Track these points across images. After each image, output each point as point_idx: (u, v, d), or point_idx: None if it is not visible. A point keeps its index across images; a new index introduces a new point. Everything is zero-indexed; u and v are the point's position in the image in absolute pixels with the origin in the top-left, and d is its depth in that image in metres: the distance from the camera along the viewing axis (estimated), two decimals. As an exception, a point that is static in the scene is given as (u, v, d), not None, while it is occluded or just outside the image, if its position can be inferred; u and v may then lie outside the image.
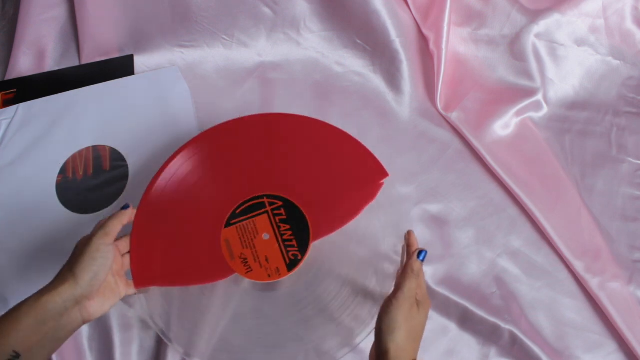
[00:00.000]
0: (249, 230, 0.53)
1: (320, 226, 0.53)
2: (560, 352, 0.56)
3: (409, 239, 0.50)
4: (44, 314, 0.39)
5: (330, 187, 0.55)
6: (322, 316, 0.52)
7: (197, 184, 0.56)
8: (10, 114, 0.70)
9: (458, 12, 0.75)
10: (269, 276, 0.51)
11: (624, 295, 0.58)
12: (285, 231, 0.53)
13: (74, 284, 0.41)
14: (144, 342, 0.57)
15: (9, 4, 0.82)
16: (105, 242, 0.44)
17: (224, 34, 0.75)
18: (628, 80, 0.74)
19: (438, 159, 0.69)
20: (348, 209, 0.54)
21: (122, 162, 0.67)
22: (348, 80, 0.76)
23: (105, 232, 0.45)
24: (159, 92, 0.72)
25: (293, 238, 0.53)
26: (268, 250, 0.52)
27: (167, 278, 0.51)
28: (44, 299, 0.40)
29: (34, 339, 0.38)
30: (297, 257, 0.52)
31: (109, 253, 0.44)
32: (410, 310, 0.43)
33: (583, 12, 0.71)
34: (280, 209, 0.54)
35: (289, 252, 0.52)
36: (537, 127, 0.71)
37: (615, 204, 0.65)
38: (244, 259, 0.52)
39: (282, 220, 0.54)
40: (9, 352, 0.37)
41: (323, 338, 0.52)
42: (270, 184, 0.56)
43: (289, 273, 0.51)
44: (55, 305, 0.40)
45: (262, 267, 0.52)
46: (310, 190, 0.55)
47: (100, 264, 0.43)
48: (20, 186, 0.65)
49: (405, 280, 0.44)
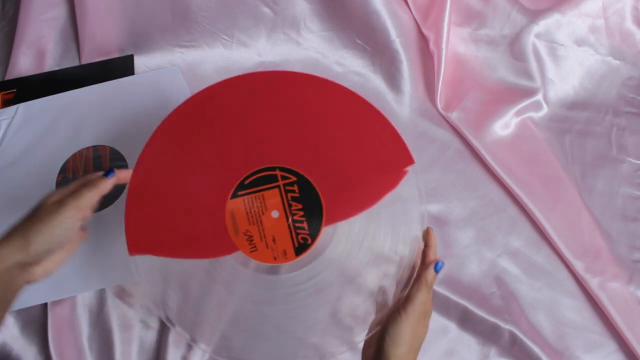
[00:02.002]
0: (258, 205, 0.48)
1: (334, 210, 0.48)
2: (560, 352, 0.56)
3: (428, 239, 0.46)
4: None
5: (350, 166, 0.49)
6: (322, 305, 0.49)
7: (203, 144, 0.50)
8: (10, 114, 0.70)
9: (458, 12, 0.75)
10: (275, 259, 0.47)
11: (624, 295, 0.58)
12: (297, 211, 0.48)
13: (24, 251, 0.38)
14: (144, 342, 0.57)
15: (9, 4, 0.82)
16: (74, 216, 0.39)
17: (224, 34, 0.75)
18: (628, 80, 0.74)
19: (438, 159, 0.69)
20: (367, 195, 0.48)
21: (122, 162, 0.67)
22: (348, 80, 0.76)
23: (78, 205, 0.39)
24: (159, 92, 0.72)
25: (304, 219, 0.48)
26: (276, 229, 0.47)
27: (164, 248, 0.46)
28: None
29: None
30: (307, 242, 0.47)
31: (72, 229, 0.39)
32: (418, 324, 0.41)
33: (583, 12, 0.71)
34: (293, 184, 0.49)
35: (298, 234, 0.47)
36: (537, 127, 0.71)
37: (615, 204, 0.65)
38: (250, 236, 0.47)
39: (294, 199, 0.48)
40: None
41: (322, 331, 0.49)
42: (284, 155, 0.49)
43: (296, 257, 0.47)
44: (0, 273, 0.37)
45: (269, 247, 0.47)
46: (327, 168, 0.49)
47: (58, 239, 0.39)
48: (20, 186, 0.65)
49: (418, 292, 0.41)
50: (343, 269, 0.49)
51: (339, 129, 0.51)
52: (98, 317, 0.58)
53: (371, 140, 0.50)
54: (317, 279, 0.48)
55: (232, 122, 0.51)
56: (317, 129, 0.51)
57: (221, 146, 0.50)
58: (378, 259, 0.49)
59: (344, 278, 0.49)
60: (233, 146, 0.50)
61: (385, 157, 0.50)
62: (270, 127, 0.51)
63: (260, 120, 0.51)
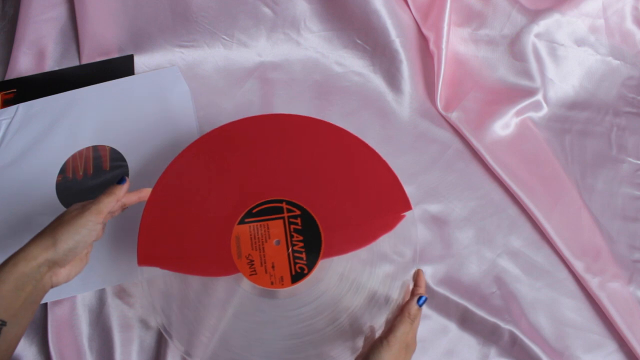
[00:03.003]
0: (262, 232, 0.52)
1: (332, 245, 0.52)
2: (560, 352, 0.56)
3: (417, 279, 0.48)
4: (22, 279, 0.40)
5: (350, 207, 0.54)
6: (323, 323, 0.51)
7: (219, 173, 0.55)
8: (10, 114, 0.70)
9: (458, 12, 0.75)
10: (272, 284, 0.51)
11: (624, 295, 0.58)
12: (297, 242, 0.52)
13: (52, 250, 0.41)
14: (144, 342, 0.57)
15: (9, 4, 0.82)
16: (96, 219, 0.44)
17: (224, 34, 0.75)
18: (628, 80, 0.74)
19: (438, 159, 0.69)
20: (364, 234, 0.52)
21: (122, 162, 0.67)
22: (348, 80, 0.76)
23: (98, 209, 0.44)
24: (159, 92, 0.72)
25: (303, 251, 0.52)
26: (276, 257, 0.51)
27: (170, 262, 0.50)
28: (21, 265, 0.40)
29: (15, 305, 0.39)
30: (304, 271, 0.51)
31: (94, 231, 0.44)
32: (399, 353, 0.42)
33: (583, 12, 0.71)
34: (297, 218, 0.53)
35: (296, 264, 0.51)
36: (537, 127, 0.71)
37: (615, 204, 0.65)
38: (251, 260, 0.51)
39: (296, 230, 0.53)
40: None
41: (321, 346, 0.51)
42: (292, 190, 0.54)
43: (292, 285, 0.50)
44: (32, 270, 0.40)
45: (267, 272, 0.51)
46: (330, 206, 0.53)
47: (83, 239, 0.43)
48: (20, 186, 0.65)
49: (400, 323, 0.43)
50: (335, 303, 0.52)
51: (344, 171, 0.55)
52: (98, 317, 0.58)
53: (373, 185, 0.55)
54: (308, 307, 0.51)
55: (246, 156, 0.56)
56: (324, 169, 0.55)
57: (235, 176, 0.55)
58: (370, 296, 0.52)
59: (334, 313, 0.51)
60: (246, 177, 0.55)
61: (385, 201, 0.54)
62: (281, 163, 0.55)
63: (273, 157, 0.56)
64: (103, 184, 0.65)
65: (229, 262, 0.51)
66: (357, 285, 0.52)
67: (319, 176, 0.55)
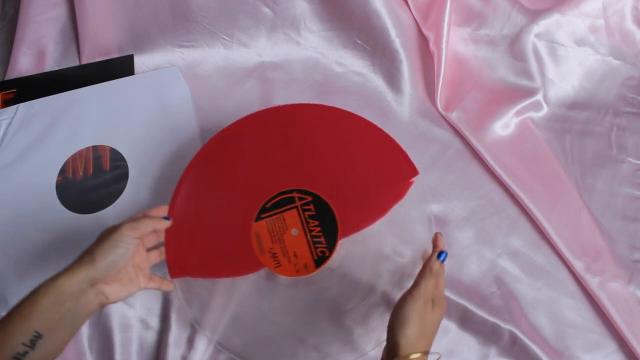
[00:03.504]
0: (279, 225, 0.54)
1: (348, 223, 0.53)
2: (560, 352, 0.56)
3: (435, 240, 0.50)
4: (61, 295, 0.40)
5: (359, 183, 0.55)
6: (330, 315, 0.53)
7: (227, 177, 0.56)
8: (10, 114, 0.70)
9: (458, 12, 0.75)
10: (298, 272, 0.52)
11: (624, 295, 0.58)
12: (314, 227, 0.54)
13: (91, 266, 0.42)
14: (144, 342, 0.57)
15: (9, 4, 0.82)
16: (131, 234, 0.45)
17: (224, 34, 0.75)
18: (628, 80, 0.74)
19: (438, 159, 0.69)
20: (376, 207, 0.54)
21: (122, 162, 0.67)
22: (348, 80, 0.76)
23: (134, 226, 0.45)
24: (159, 92, 0.72)
25: (322, 234, 0.53)
26: (297, 246, 0.53)
27: (200, 270, 0.52)
28: (60, 281, 0.41)
29: (53, 319, 0.40)
30: (325, 254, 0.52)
31: (131, 245, 0.45)
32: (425, 308, 0.43)
33: (583, 12, 0.71)
34: (309, 204, 0.54)
35: (317, 248, 0.53)
36: (537, 127, 0.71)
37: (615, 204, 0.65)
38: (274, 253, 0.53)
39: (311, 217, 0.54)
40: (31, 332, 0.38)
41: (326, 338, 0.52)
42: (300, 178, 0.55)
43: (317, 269, 0.52)
44: (71, 286, 0.41)
45: (291, 262, 0.52)
46: (339, 186, 0.55)
47: (120, 253, 0.44)
48: (20, 186, 0.65)
49: (422, 278, 0.45)
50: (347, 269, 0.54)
51: (347, 150, 0.56)
52: (98, 317, 0.58)
53: (377, 158, 0.56)
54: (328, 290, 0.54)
55: (250, 155, 0.57)
56: (328, 151, 0.56)
57: (243, 176, 0.56)
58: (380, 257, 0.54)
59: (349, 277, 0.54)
60: (254, 175, 0.56)
61: (391, 170, 0.55)
62: (285, 154, 0.57)
63: (275, 150, 0.57)
64: (103, 184, 0.65)
65: (254, 259, 0.52)
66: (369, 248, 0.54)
67: (324, 159, 0.56)
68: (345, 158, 0.56)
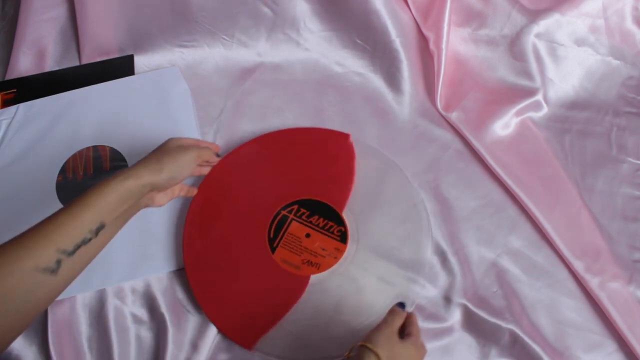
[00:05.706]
0: (291, 240, 0.59)
1: (336, 197, 0.61)
2: (560, 352, 0.56)
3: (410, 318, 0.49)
4: (127, 194, 0.45)
5: (319, 173, 0.63)
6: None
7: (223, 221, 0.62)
8: (10, 114, 0.70)
9: (458, 12, 0.75)
10: (335, 258, 0.57)
11: (624, 295, 0.58)
12: (317, 220, 0.59)
13: (157, 175, 0.48)
14: (143, 343, 0.57)
15: (9, 4, 0.82)
16: (193, 159, 0.52)
17: (224, 34, 0.75)
18: (628, 80, 0.74)
19: (438, 159, 0.69)
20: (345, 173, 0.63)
21: (122, 162, 0.67)
22: (348, 80, 0.76)
23: (200, 154, 0.54)
24: (159, 92, 0.72)
25: (327, 220, 0.59)
26: (318, 242, 0.58)
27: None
28: (130, 181, 0.45)
29: (115, 213, 0.44)
30: (342, 230, 0.59)
31: (192, 167, 0.53)
32: (391, 337, 0.44)
33: (583, 12, 0.71)
34: (299, 210, 0.60)
35: (333, 232, 0.59)
36: (537, 127, 0.71)
37: (615, 204, 0.65)
38: (308, 261, 0.57)
39: (308, 216, 0.60)
40: (98, 221, 0.43)
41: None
42: (279, 199, 0.61)
43: (347, 245, 0.58)
44: (137, 187, 0.46)
45: (325, 255, 0.57)
46: (310, 184, 0.62)
47: (182, 171, 0.51)
48: (20, 186, 0.65)
49: (386, 314, 0.47)
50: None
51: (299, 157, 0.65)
52: (98, 317, 0.58)
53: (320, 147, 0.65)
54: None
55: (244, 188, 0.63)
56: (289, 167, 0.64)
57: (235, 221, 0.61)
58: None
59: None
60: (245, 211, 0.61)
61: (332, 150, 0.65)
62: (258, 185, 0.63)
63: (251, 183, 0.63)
64: (103, 184, 0.65)
65: (298, 280, 0.56)
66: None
67: (296, 172, 0.64)
68: (301, 163, 0.64)
